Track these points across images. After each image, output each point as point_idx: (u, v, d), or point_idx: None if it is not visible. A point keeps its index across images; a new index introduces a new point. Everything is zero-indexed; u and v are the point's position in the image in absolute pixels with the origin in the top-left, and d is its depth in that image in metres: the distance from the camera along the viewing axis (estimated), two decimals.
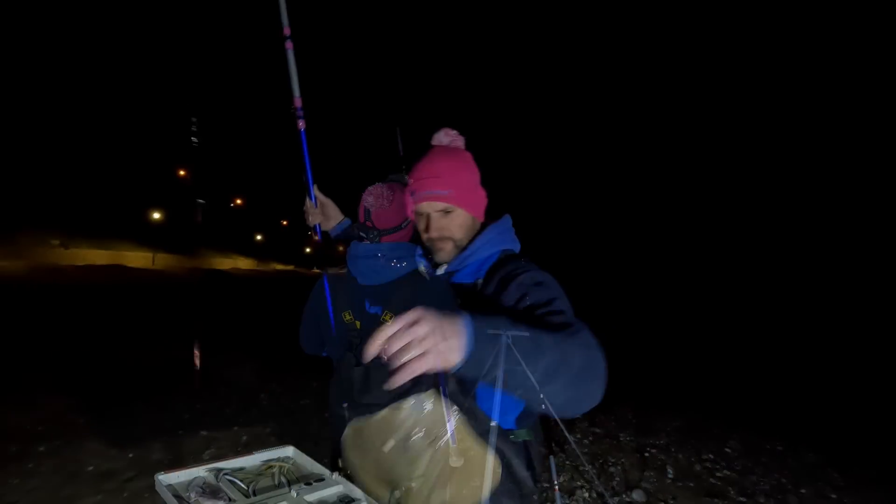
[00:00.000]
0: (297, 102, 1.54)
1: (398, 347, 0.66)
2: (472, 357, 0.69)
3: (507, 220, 1.22)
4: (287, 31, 1.50)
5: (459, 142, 1.22)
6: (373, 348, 0.67)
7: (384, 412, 0.70)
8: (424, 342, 0.66)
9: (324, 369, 1.65)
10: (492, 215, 1.25)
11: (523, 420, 1.08)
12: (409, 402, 0.70)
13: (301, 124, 1.54)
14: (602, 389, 0.84)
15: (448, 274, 1.17)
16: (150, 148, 43.49)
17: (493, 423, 0.74)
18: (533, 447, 1.11)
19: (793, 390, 7.52)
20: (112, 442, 3.69)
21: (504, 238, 1.18)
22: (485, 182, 1.23)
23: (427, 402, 0.71)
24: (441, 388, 0.91)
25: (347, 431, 0.65)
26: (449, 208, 1.13)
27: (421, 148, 1.26)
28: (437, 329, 0.67)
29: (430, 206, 1.14)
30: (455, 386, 0.96)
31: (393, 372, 0.66)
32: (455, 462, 0.67)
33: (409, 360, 0.66)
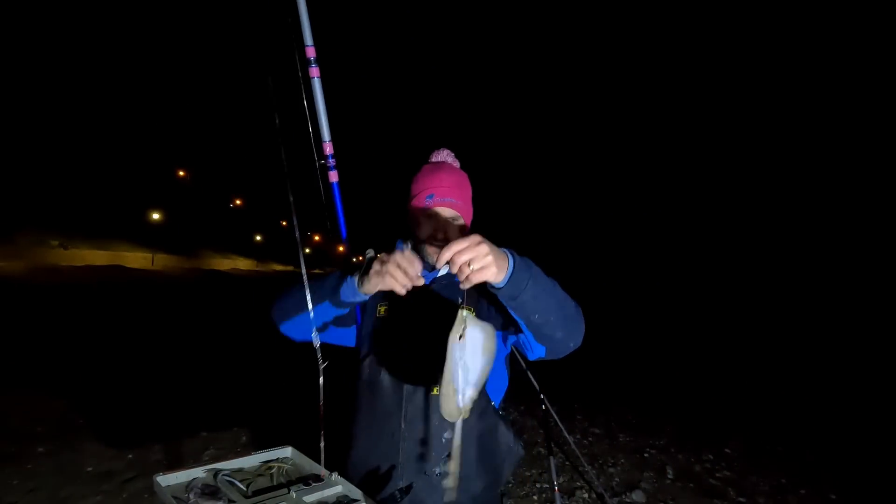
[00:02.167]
0: (328, 148, 1.26)
1: (466, 259, 0.83)
2: (513, 277, 0.90)
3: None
4: (312, 53, 1.20)
5: (457, 163, 1.37)
6: (444, 257, 0.83)
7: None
8: (486, 258, 0.84)
9: (320, 368, 1.63)
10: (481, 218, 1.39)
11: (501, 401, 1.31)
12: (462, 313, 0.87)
13: (333, 175, 1.27)
14: (582, 337, 1.07)
15: (450, 274, 1.23)
16: (150, 148, 43.50)
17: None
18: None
19: (792, 391, 7.52)
20: (111, 442, 3.69)
21: None
22: (481, 185, 1.39)
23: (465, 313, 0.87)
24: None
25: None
26: (457, 217, 1.27)
27: (418, 160, 1.34)
28: (494, 250, 0.86)
29: (444, 212, 1.26)
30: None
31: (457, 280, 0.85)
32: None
33: (472, 271, 0.84)
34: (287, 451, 1.17)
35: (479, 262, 0.84)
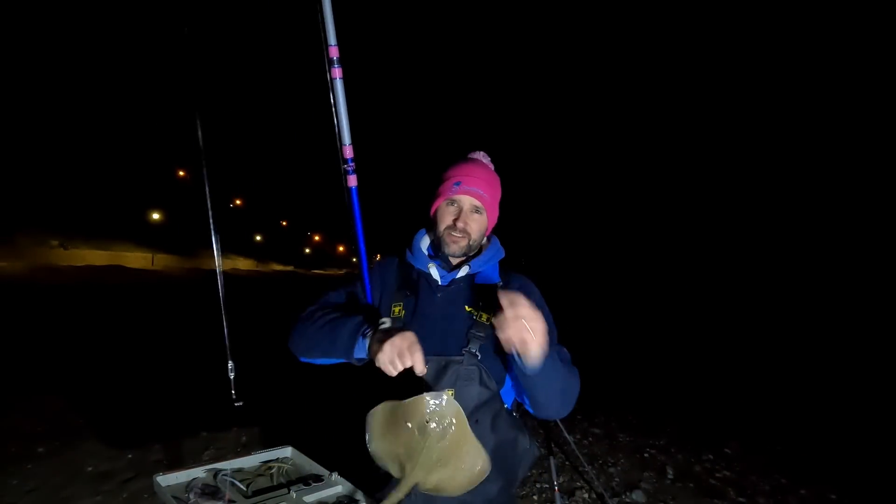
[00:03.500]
0: (348, 152, 1.18)
1: (533, 326, 0.89)
2: (544, 365, 0.96)
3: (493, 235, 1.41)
4: (335, 53, 1.11)
5: (491, 166, 1.35)
6: (507, 301, 0.89)
7: (415, 398, 0.92)
8: (543, 336, 0.91)
9: (322, 369, 1.64)
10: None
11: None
12: (434, 395, 0.93)
13: (352, 180, 1.19)
14: (568, 412, 1.18)
15: (470, 276, 1.29)
16: (150, 148, 43.45)
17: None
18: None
19: (792, 391, 7.52)
20: (111, 442, 3.69)
21: (501, 248, 1.38)
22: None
23: (445, 398, 0.93)
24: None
25: (381, 407, 0.97)
26: (481, 210, 1.27)
27: (454, 155, 1.33)
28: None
29: (469, 201, 1.26)
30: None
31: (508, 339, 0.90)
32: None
33: (528, 341, 0.89)
34: (287, 451, 1.18)
35: (539, 337, 0.90)
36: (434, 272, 1.29)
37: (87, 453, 3.51)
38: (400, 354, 0.96)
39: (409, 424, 0.93)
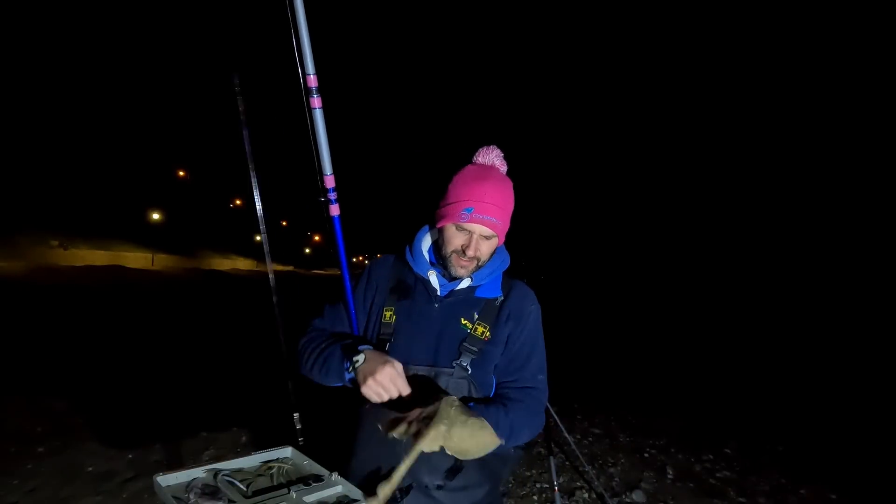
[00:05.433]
0: (329, 182, 1.16)
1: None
2: None
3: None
4: (314, 82, 1.06)
5: (505, 167, 1.26)
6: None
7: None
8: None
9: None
10: None
11: None
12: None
13: (334, 209, 1.19)
14: (531, 438, 1.22)
15: (471, 288, 1.26)
16: (150, 148, 43.46)
17: None
18: None
19: (792, 391, 7.52)
20: (111, 442, 3.69)
21: (506, 257, 1.32)
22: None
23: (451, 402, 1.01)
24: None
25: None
26: (492, 236, 1.20)
27: (461, 158, 1.26)
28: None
29: (481, 230, 1.18)
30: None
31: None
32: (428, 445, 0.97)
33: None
34: (287, 451, 1.17)
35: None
36: (434, 280, 1.25)
37: (87, 453, 3.51)
38: (384, 388, 1.03)
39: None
